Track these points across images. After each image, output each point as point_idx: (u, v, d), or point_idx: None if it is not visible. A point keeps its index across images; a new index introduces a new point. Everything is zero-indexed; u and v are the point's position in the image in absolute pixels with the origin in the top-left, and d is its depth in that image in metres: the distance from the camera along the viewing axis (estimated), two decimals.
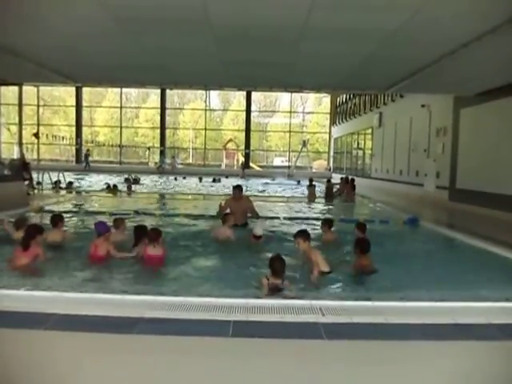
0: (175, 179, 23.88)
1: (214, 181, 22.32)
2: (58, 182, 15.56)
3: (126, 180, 19.45)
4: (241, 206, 7.97)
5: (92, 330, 2.91)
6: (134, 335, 2.85)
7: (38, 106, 35.34)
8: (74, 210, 10.28)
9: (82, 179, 21.45)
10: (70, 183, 16.42)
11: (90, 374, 2.44)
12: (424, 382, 2.53)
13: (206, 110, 38.98)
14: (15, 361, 2.55)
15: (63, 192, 14.71)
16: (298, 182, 23.09)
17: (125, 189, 15.98)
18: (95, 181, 21.10)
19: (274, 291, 4.13)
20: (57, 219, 6.19)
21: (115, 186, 15.56)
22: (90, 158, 32.62)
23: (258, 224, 7.43)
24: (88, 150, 32.93)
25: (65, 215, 9.06)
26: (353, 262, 5.24)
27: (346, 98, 26.40)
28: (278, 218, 9.27)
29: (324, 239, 6.59)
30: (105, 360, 2.59)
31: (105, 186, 16.09)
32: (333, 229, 6.78)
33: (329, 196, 14.59)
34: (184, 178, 24.40)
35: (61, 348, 2.73)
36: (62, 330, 2.89)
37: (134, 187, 16.79)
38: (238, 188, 8.23)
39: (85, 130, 37.09)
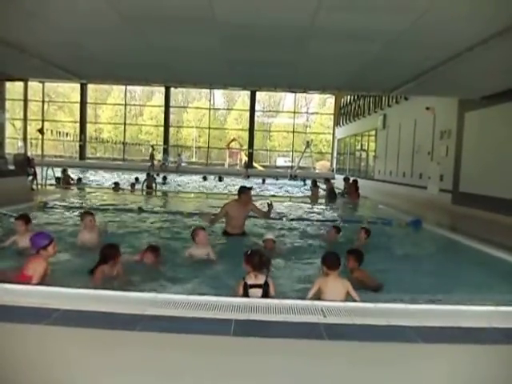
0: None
1: (220, 179, 22.52)
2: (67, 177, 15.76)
3: (153, 179, 19.51)
4: (244, 211, 6.88)
5: (94, 326, 2.93)
6: (137, 332, 2.86)
7: (43, 101, 35.36)
8: (77, 205, 10.32)
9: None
10: (79, 179, 16.54)
11: (91, 370, 2.45)
12: None
13: (210, 108, 39.07)
14: (14, 356, 2.55)
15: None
16: (304, 181, 23.04)
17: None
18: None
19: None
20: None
21: (117, 183, 15.57)
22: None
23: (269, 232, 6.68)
24: (153, 150, 31.57)
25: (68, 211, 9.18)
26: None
27: (350, 100, 26.35)
28: (281, 219, 9.26)
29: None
30: (106, 356, 2.60)
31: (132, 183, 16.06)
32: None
33: (331, 197, 14.55)
34: (204, 178, 23.22)
35: (62, 344, 2.74)
36: (63, 326, 2.91)
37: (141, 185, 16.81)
38: (248, 189, 7.01)
39: (89, 127, 37.18)
